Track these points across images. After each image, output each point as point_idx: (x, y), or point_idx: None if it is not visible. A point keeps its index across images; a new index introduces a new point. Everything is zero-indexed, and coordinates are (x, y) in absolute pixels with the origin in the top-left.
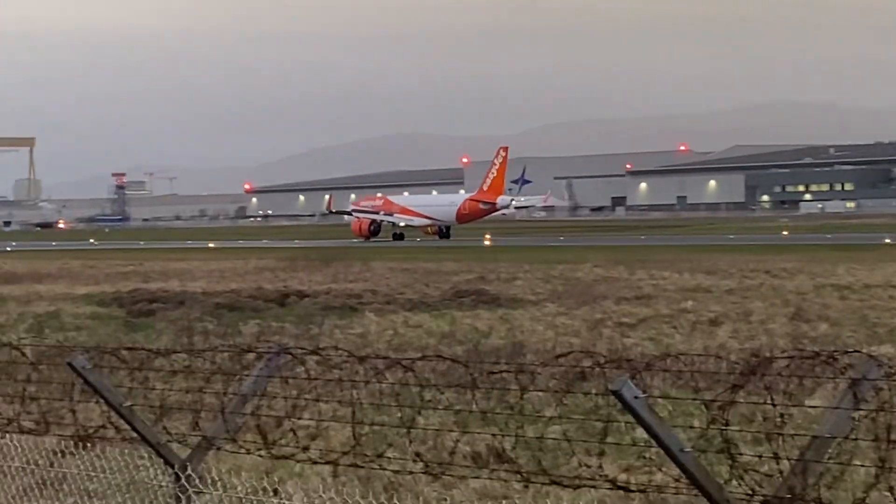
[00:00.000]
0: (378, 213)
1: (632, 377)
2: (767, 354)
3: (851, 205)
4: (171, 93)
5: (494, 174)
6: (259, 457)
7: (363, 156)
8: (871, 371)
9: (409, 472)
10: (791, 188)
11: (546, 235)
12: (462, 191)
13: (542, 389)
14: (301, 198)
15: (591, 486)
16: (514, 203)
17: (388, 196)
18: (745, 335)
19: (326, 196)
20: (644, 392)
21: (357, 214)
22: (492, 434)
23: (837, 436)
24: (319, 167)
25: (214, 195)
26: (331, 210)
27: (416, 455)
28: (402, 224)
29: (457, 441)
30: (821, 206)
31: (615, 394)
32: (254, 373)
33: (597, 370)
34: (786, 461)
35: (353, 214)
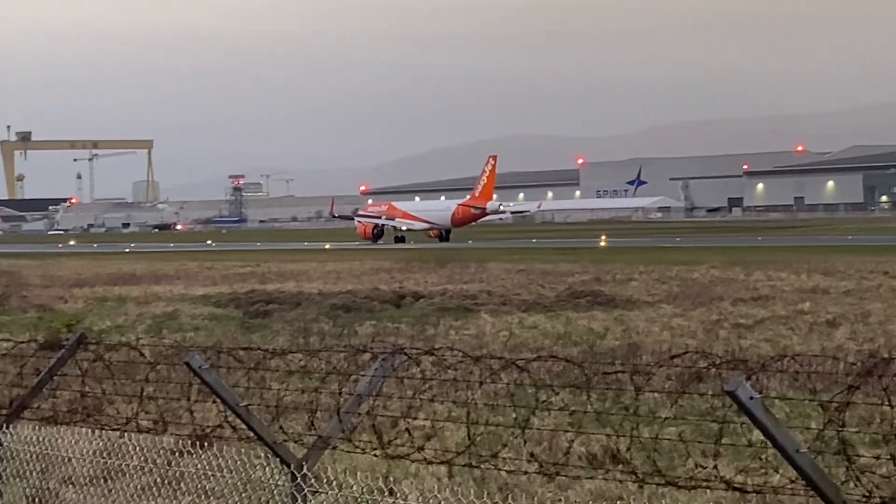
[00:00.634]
0: (380, 218)
1: (748, 378)
2: (885, 356)
3: None
4: (289, 94)
5: (485, 181)
6: (374, 456)
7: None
8: None
9: (524, 473)
10: None
11: (662, 236)
12: (578, 192)
13: (658, 390)
14: (417, 199)
15: (707, 488)
16: (506, 208)
17: (393, 202)
18: (864, 337)
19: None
20: (760, 393)
21: (359, 219)
22: (607, 435)
23: None
24: (436, 168)
25: (330, 197)
26: (333, 215)
27: (531, 455)
28: (404, 228)
29: (571, 442)
30: None
31: (731, 395)
32: (369, 373)
33: (712, 371)
34: None
35: (356, 220)
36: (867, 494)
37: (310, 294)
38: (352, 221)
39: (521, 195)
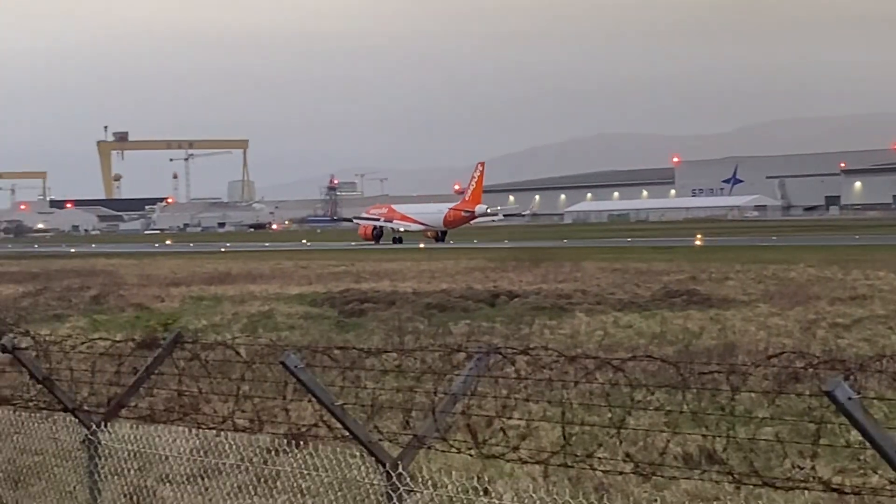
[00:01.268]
0: (379, 220)
1: (846, 378)
2: None
3: None
4: (385, 94)
5: (474, 186)
6: (469, 456)
7: (577, 155)
8: None
9: (620, 473)
10: None
11: (758, 235)
12: (673, 191)
13: (754, 390)
14: (511, 198)
15: (804, 489)
16: (499, 210)
17: (392, 206)
18: None
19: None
20: (858, 393)
21: (359, 221)
22: (703, 435)
23: None
24: (531, 167)
25: (425, 196)
26: (333, 217)
27: (627, 455)
28: (402, 229)
29: (667, 442)
30: None
31: (828, 395)
32: (464, 372)
33: (810, 371)
34: None
35: (354, 221)
36: None
37: (404, 293)
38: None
39: (616, 194)
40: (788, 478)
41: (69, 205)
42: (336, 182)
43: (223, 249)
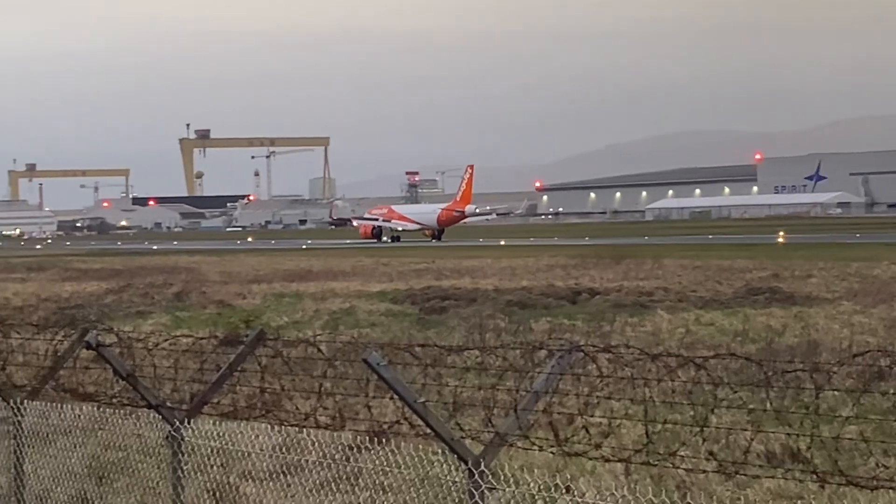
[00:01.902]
0: (377, 220)
1: None
2: None
3: None
4: (465, 91)
5: (464, 187)
6: (551, 454)
7: (658, 152)
8: None
9: (702, 471)
10: None
11: (841, 232)
12: (755, 188)
13: (838, 389)
14: (592, 195)
15: (890, 488)
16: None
17: (392, 206)
18: None
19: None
20: None
21: (358, 221)
22: (786, 433)
23: None
24: (611, 164)
25: (505, 193)
26: (332, 217)
27: (709, 454)
28: (400, 229)
29: (750, 440)
30: None
31: None
32: (546, 370)
33: (894, 370)
34: None
35: (352, 222)
36: None
37: (485, 290)
38: (346, 224)
39: (698, 191)
40: (873, 476)
41: (152, 202)
42: (417, 179)
43: (304, 246)
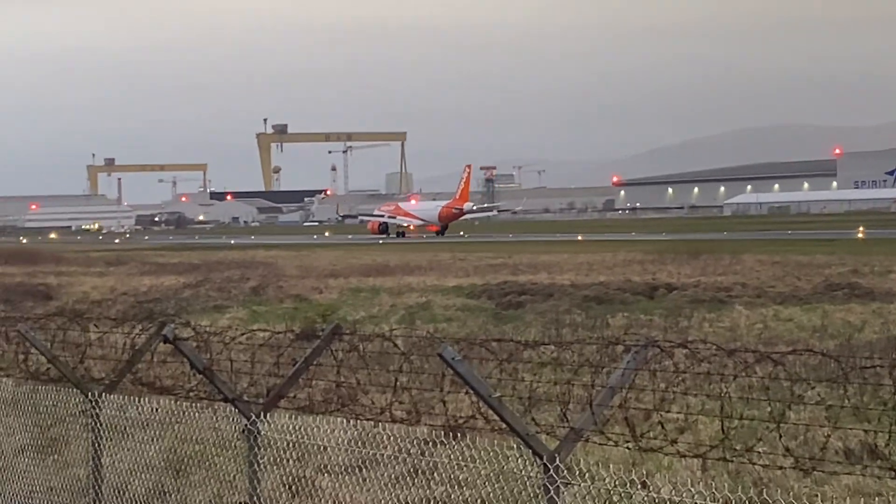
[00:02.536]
0: (383, 216)
1: None
2: None
3: None
4: (542, 85)
5: (462, 186)
6: (627, 449)
7: (737, 147)
8: None
9: (779, 468)
10: None
11: None
12: (834, 183)
13: None
14: (669, 190)
15: None
16: (483, 207)
17: (399, 203)
18: None
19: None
20: None
21: (363, 218)
22: (864, 430)
23: None
24: (690, 159)
25: (582, 188)
26: (339, 215)
27: (786, 450)
28: (406, 225)
29: (828, 436)
30: None
31: None
32: (622, 365)
33: None
34: None
35: (359, 218)
36: None
37: (562, 285)
38: (355, 220)
39: (777, 186)
40: None
41: (229, 197)
42: (493, 174)
43: (381, 241)
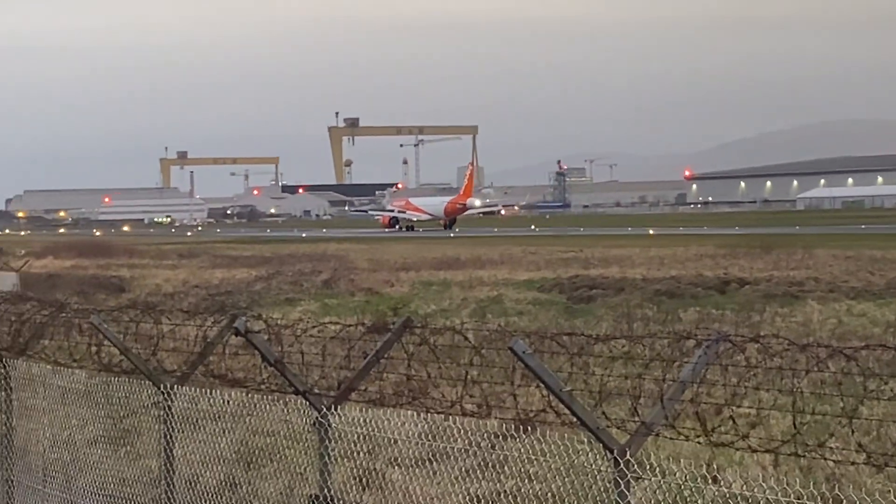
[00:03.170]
0: (393, 211)
1: None
2: None
3: None
4: (613, 78)
5: (466, 182)
6: (698, 444)
7: (811, 141)
8: None
9: (852, 463)
10: None
11: None
12: None
13: None
14: (742, 184)
15: None
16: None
17: (409, 199)
18: None
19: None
20: None
21: (372, 213)
22: None
23: None
24: (763, 153)
25: (654, 182)
26: (348, 209)
27: (859, 445)
28: (415, 219)
29: None
30: None
31: None
32: (693, 360)
33: None
34: None
35: (369, 213)
36: None
37: (633, 279)
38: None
39: (851, 180)
40: None
41: (301, 190)
42: (565, 167)
43: (452, 235)
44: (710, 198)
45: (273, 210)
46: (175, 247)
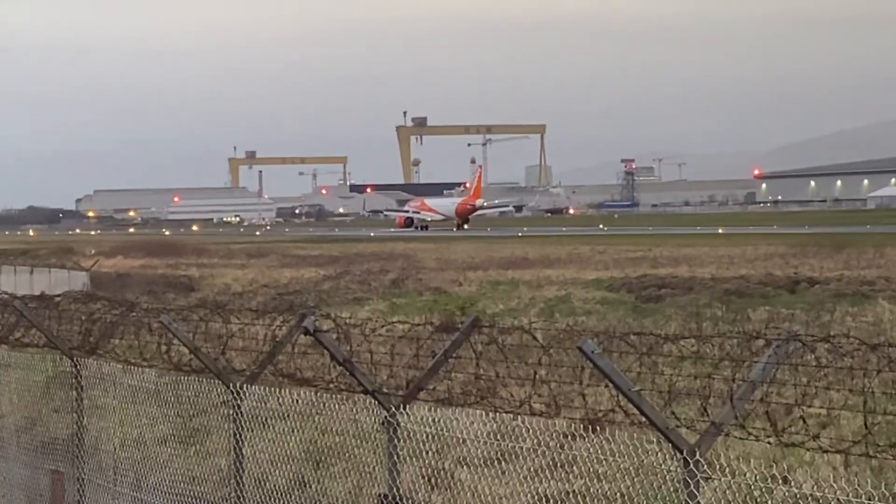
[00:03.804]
0: (408, 211)
1: None
2: None
3: None
4: (682, 76)
5: (475, 184)
6: (768, 444)
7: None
8: None
9: None
10: None
11: None
12: None
13: None
14: (812, 183)
15: None
16: (494, 204)
17: (424, 199)
18: None
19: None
20: None
21: (387, 213)
22: None
23: None
24: (833, 151)
25: (723, 181)
26: (365, 211)
27: None
28: (429, 219)
29: None
30: None
31: None
32: (762, 359)
33: None
34: None
35: (383, 213)
36: None
37: (702, 279)
38: (379, 215)
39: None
40: None
41: (369, 189)
42: (633, 166)
43: (520, 234)
44: (780, 197)
45: (341, 209)
46: (244, 246)
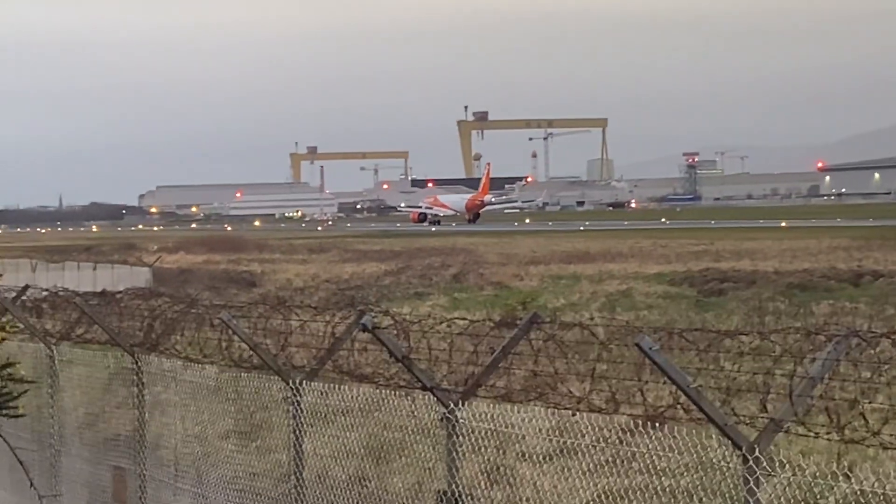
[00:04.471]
0: (420, 207)
1: None
2: None
3: None
4: (745, 69)
5: (484, 180)
6: (828, 440)
7: None
8: None
9: None
10: None
11: None
12: None
13: None
14: (876, 175)
15: None
16: (502, 200)
17: (437, 195)
18: None
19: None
20: None
21: (401, 208)
22: None
23: None
24: None
25: (786, 174)
26: (380, 207)
27: None
28: (442, 214)
29: None
30: None
31: None
32: (823, 355)
33: None
34: None
35: (399, 208)
36: None
37: (765, 272)
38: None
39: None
40: None
41: (430, 184)
42: (695, 160)
43: (582, 228)
44: (844, 189)
45: (403, 204)
46: (305, 241)
